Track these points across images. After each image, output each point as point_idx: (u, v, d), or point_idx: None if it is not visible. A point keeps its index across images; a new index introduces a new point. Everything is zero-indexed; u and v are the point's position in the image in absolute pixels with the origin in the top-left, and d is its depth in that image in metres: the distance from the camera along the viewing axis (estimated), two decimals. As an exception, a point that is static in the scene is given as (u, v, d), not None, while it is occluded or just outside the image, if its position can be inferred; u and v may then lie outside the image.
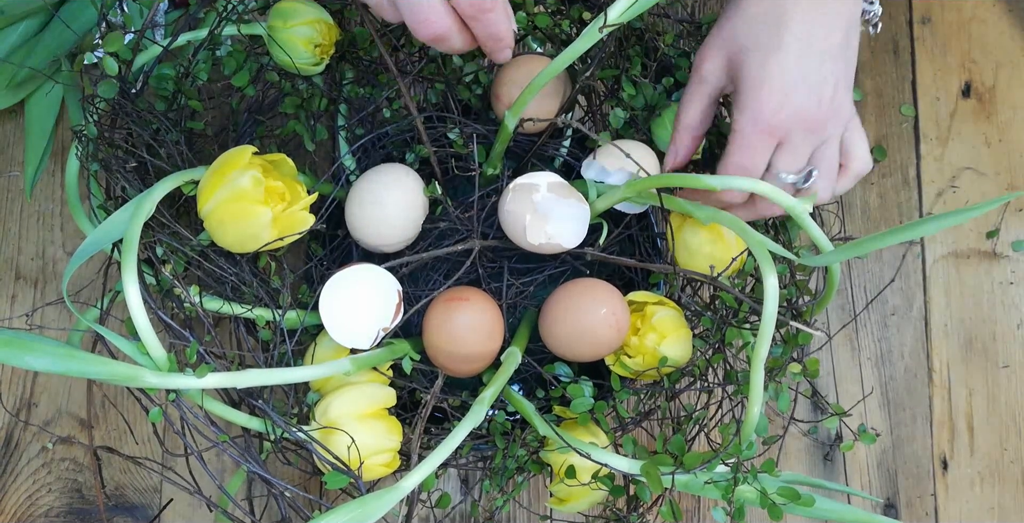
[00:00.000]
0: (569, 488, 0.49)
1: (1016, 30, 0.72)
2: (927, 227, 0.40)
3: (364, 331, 0.48)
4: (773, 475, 0.45)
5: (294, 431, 0.45)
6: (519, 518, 0.65)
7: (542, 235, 0.49)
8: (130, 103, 0.49)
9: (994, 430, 0.68)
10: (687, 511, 0.66)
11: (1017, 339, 0.69)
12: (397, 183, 0.51)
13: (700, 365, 0.51)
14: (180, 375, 0.42)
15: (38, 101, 0.65)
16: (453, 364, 0.49)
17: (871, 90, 0.71)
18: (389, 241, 0.52)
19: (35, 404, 0.65)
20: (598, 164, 0.50)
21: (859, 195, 0.70)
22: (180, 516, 0.64)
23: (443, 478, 0.65)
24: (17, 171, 0.68)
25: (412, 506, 0.47)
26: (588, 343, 0.49)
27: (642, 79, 0.53)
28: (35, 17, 0.64)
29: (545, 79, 0.47)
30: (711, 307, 0.53)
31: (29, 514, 0.64)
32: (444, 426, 0.54)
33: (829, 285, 0.49)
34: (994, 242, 0.69)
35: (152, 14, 0.51)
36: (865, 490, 0.66)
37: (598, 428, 0.51)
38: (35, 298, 0.66)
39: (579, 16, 0.53)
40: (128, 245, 0.42)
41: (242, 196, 0.44)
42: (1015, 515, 0.67)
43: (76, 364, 0.39)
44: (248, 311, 0.49)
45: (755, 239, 0.43)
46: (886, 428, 0.67)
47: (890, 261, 0.69)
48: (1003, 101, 0.71)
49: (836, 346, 0.68)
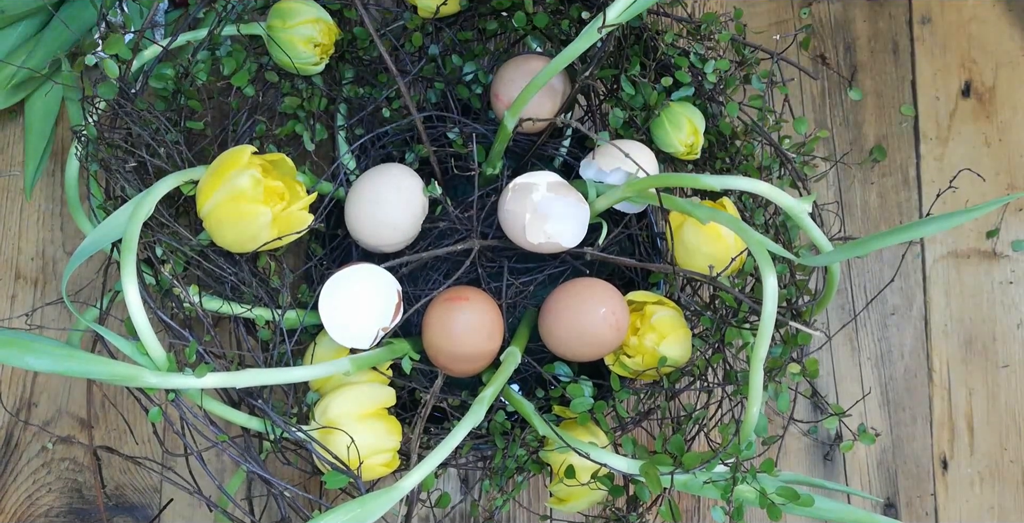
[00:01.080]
0: (569, 488, 0.49)
1: (1016, 30, 0.72)
2: (927, 227, 0.40)
3: (364, 331, 0.48)
4: (772, 475, 0.45)
5: (294, 431, 0.45)
6: (519, 518, 0.65)
7: (541, 234, 0.49)
8: (130, 103, 0.49)
9: (994, 430, 0.67)
10: (686, 511, 0.66)
11: (1017, 339, 0.69)
12: (397, 183, 0.51)
13: (700, 365, 0.51)
14: (179, 375, 0.42)
15: (38, 101, 0.65)
16: (453, 364, 0.49)
17: (871, 90, 0.71)
18: (389, 241, 0.52)
19: (35, 404, 0.65)
20: (597, 164, 0.50)
21: (859, 195, 0.70)
22: (180, 516, 0.64)
23: (443, 478, 0.65)
24: (17, 171, 0.68)
25: (412, 506, 0.47)
26: (588, 343, 0.49)
27: (641, 79, 0.53)
28: (35, 17, 0.64)
29: (544, 79, 0.47)
30: (711, 307, 0.53)
31: (29, 514, 0.64)
32: (444, 426, 0.54)
33: (829, 285, 0.49)
34: (994, 242, 0.69)
35: (152, 14, 0.51)
36: (865, 490, 0.66)
37: (598, 428, 0.51)
38: (35, 298, 0.66)
39: (578, 16, 0.53)
40: (127, 245, 0.42)
41: (241, 196, 0.44)
42: (1015, 515, 0.67)
43: (76, 364, 0.39)
44: (248, 311, 0.49)
45: (754, 239, 0.43)
46: (886, 428, 0.67)
47: (890, 261, 0.69)
48: (1003, 101, 0.71)
49: (836, 346, 0.68)
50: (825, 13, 0.72)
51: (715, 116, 0.54)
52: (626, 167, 0.50)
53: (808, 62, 0.71)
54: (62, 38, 0.63)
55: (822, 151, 0.70)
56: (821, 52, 0.71)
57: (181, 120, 0.53)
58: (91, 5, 0.63)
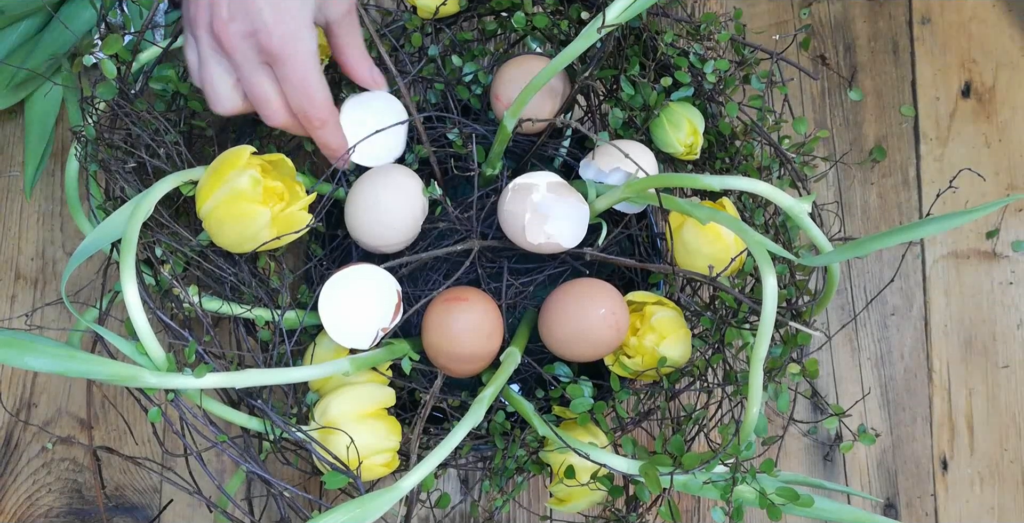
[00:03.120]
0: (569, 488, 0.49)
1: (1016, 30, 0.71)
2: (927, 228, 0.40)
3: (363, 331, 0.48)
4: (772, 475, 0.45)
5: (293, 431, 0.45)
6: (519, 518, 0.65)
7: (541, 235, 0.49)
8: (129, 104, 0.49)
9: (994, 430, 0.67)
10: (686, 511, 0.66)
11: (1017, 339, 0.69)
12: (396, 184, 0.51)
13: (699, 365, 0.51)
14: (179, 375, 0.42)
15: (38, 101, 0.65)
16: (452, 364, 0.49)
17: (871, 90, 0.71)
18: (389, 242, 0.52)
19: (35, 404, 0.65)
20: (597, 164, 0.50)
21: (859, 195, 0.70)
22: (180, 516, 0.65)
23: (443, 478, 0.65)
24: (17, 171, 0.68)
25: (411, 506, 0.47)
26: (587, 343, 0.49)
27: (641, 79, 0.53)
28: (35, 17, 0.64)
29: (544, 79, 0.47)
30: (710, 307, 0.53)
31: (29, 514, 0.64)
32: (443, 426, 0.54)
33: (829, 285, 0.49)
34: (994, 242, 0.69)
35: (152, 14, 0.51)
36: (865, 490, 0.66)
37: (597, 428, 0.51)
38: (35, 298, 0.66)
39: (577, 16, 0.53)
40: (127, 245, 0.42)
41: (241, 196, 0.44)
42: (1015, 515, 0.67)
43: (76, 364, 0.39)
44: (247, 311, 0.49)
45: (754, 239, 0.43)
46: (886, 428, 0.67)
47: (890, 261, 0.69)
48: (1003, 101, 0.71)
49: (836, 346, 0.68)
50: (825, 13, 0.72)
51: (715, 116, 0.54)
52: (626, 167, 0.50)
53: (808, 62, 0.71)
54: (62, 38, 0.63)
55: (822, 151, 0.70)
56: (821, 52, 0.71)
57: (181, 120, 0.53)
58: (91, 5, 0.63)
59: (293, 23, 0.44)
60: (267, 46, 0.44)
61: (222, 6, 0.43)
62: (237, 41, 0.44)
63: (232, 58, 0.45)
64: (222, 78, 0.46)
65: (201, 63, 0.46)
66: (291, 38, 0.44)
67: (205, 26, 0.44)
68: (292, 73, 0.45)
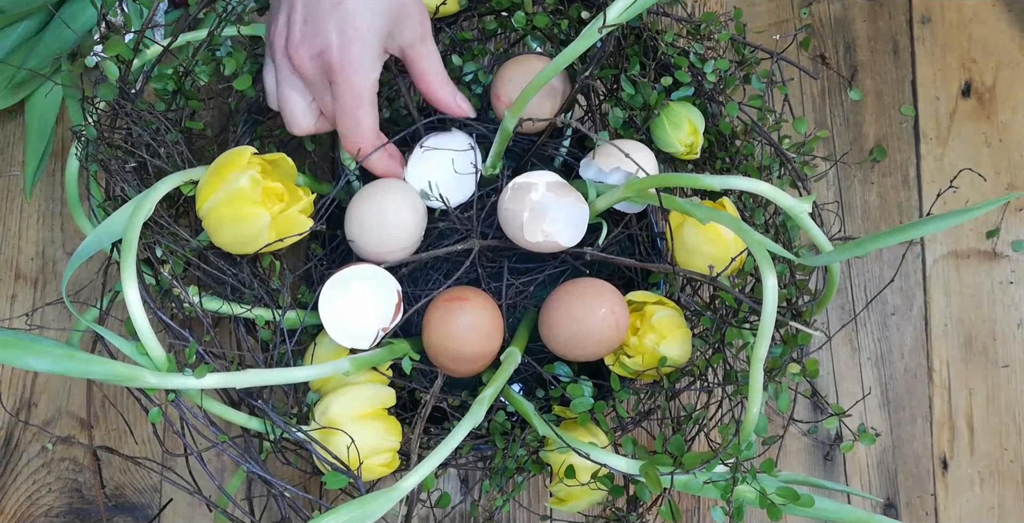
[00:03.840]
0: (569, 488, 0.49)
1: (1016, 30, 0.72)
2: (927, 227, 0.40)
3: (364, 331, 0.48)
4: (772, 475, 0.45)
5: (294, 431, 0.45)
6: (519, 518, 0.65)
7: (539, 233, 0.49)
8: (130, 103, 0.49)
9: (994, 430, 0.67)
10: (686, 511, 0.66)
11: (1017, 339, 0.69)
12: (398, 200, 0.51)
13: (700, 365, 0.51)
14: (179, 375, 0.42)
15: (38, 101, 0.65)
16: (453, 364, 0.49)
17: (871, 90, 0.71)
18: (392, 257, 0.51)
19: (35, 404, 0.65)
20: (597, 164, 0.50)
21: (859, 195, 0.70)
22: (180, 516, 0.65)
23: (443, 478, 0.65)
24: (17, 171, 0.68)
25: (412, 506, 0.47)
26: (588, 343, 0.49)
27: (641, 79, 0.53)
28: (35, 17, 0.64)
29: (544, 79, 0.47)
30: (711, 307, 0.53)
31: (29, 514, 0.64)
32: (444, 426, 0.54)
33: (829, 285, 0.49)
34: (994, 242, 0.69)
35: (152, 14, 0.51)
36: (865, 490, 0.66)
37: (598, 428, 0.51)
38: (35, 298, 0.66)
39: (578, 16, 0.53)
40: (127, 245, 0.42)
41: (240, 197, 0.44)
42: (1015, 515, 0.67)
43: (76, 364, 0.39)
44: (247, 311, 0.49)
45: (754, 239, 0.43)
46: (886, 428, 0.67)
47: (890, 261, 0.69)
48: (1003, 101, 0.71)
49: (836, 346, 0.68)
50: (825, 13, 0.72)
51: (715, 116, 0.54)
52: (626, 167, 0.50)
53: (808, 62, 0.71)
54: (62, 38, 0.63)
55: (822, 151, 0.70)
56: (821, 52, 0.71)
57: (181, 120, 0.53)
58: (91, 5, 0.63)
59: (357, 47, 0.45)
60: (329, 66, 0.46)
61: (296, 30, 0.46)
62: (306, 61, 0.46)
63: (305, 79, 0.47)
64: (296, 100, 0.48)
65: (278, 85, 0.48)
66: (352, 61, 0.46)
67: (281, 50, 0.47)
68: (343, 95, 0.47)
